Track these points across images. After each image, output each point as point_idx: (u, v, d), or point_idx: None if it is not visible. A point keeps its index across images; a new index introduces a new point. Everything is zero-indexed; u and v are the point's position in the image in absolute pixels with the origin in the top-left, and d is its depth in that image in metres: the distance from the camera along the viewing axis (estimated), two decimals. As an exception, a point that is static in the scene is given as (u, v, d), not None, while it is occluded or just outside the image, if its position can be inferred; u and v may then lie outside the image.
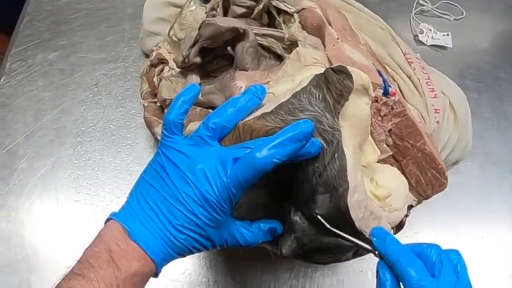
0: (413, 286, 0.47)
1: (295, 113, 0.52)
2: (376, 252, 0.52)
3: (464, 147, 0.81)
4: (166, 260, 0.52)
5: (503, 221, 0.92)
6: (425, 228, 0.89)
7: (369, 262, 0.81)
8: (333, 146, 0.52)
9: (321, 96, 0.54)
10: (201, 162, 0.50)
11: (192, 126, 0.57)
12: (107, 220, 0.53)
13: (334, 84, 0.54)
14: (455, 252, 0.52)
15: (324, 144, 0.52)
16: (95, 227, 0.84)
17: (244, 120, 0.54)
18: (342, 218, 0.53)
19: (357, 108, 0.56)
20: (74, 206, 0.87)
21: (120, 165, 0.90)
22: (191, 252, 0.53)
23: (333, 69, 0.54)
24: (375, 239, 0.52)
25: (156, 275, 0.52)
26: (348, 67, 0.55)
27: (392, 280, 0.49)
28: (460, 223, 0.91)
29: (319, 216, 0.52)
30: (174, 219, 0.50)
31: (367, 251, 0.53)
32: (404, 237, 0.86)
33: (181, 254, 0.52)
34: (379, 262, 0.51)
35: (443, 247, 0.85)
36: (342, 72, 0.54)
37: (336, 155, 0.52)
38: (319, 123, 0.52)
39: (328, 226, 0.52)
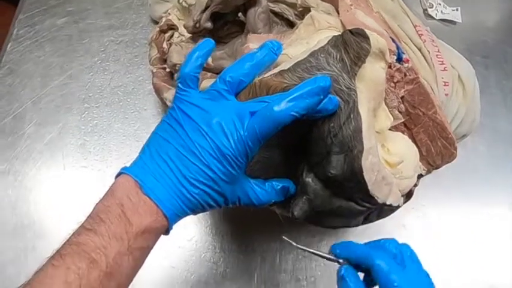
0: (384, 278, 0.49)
1: (312, 71, 0.52)
2: (341, 261, 0.53)
3: (472, 122, 0.80)
4: (179, 215, 0.51)
5: (509, 197, 0.92)
6: (431, 202, 0.89)
7: (376, 234, 0.82)
8: (349, 106, 0.52)
9: (338, 56, 0.53)
10: (217, 116, 0.49)
11: (207, 83, 0.56)
12: (118, 175, 0.52)
13: (352, 45, 0.53)
14: (407, 245, 0.54)
15: (341, 103, 0.52)
16: (103, 192, 0.84)
17: (261, 77, 0.53)
18: (355, 180, 0.53)
19: (374, 72, 0.56)
20: (81, 171, 0.87)
21: (128, 131, 0.90)
22: (203, 209, 0.52)
23: (350, 31, 0.54)
24: (338, 250, 0.54)
25: (167, 231, 0.52)
26: (366, 30, 0.55)
27: (356, 281, 0.51)
28: (466, 198, 0.91)
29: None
30: (189, 172, 0.49)
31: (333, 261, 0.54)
32: (411, 209, 0.87)
33: (194, 209, 0.52)
34: (340, 268, 0.52)
35: (449, 222, 0.87)
36: (359, 34, 0.54)
37: (351, 116, 0.52)
38: (336, 83, 0.52)
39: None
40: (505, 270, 0.86)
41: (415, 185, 0.67)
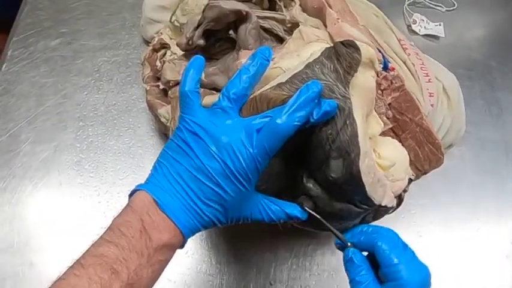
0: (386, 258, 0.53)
1: (308, 81, 0.55)
2: (349, 244, 0.57)
3: (458, 131, 0.83)
4: (193, 232, 0.53)
5: (496, 203, 0.95)
6: (420, 210, 0.91)
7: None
8: (345, 113, 0.55)
9: (332, 67, 0.57)
10: (225, 135, 0.50)
11: (208, 99, 0.58)
12: (133, 192, 0.53)
13: (344, 56, 0.57)
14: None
15: (337, 111, 0.54)
16: (98, 208, 0.86)
17: (260, 91, 0.56)
18: (354, 182, 0.56)
19: (365, 81, 0.59)
20: (77, 188, 0.88)
21: (122, 148, 0.92)
22: (215, 225, 0.54)
23: (342, 42, 0.58)
24: (347, 236, 0.59)
25: (182, 246, 0.53)
26: (356, 41, 0.58)
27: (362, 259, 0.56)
28: (455, 205, 0.93)
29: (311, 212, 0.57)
30: (201, 193, 0.51)
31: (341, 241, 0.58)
32: (401, 218, 0.88)
33: (206, 226, 0.53)
34: (347, 251, 0.56)
35: (438, 230, 0.89)
36: (350, 45, 0.57)
37: (347, 122, 0.55)
38: (332, 92, 0.55)
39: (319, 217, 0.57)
40: (493, 275, 0.87)
41: (405, 191, 0.69)
